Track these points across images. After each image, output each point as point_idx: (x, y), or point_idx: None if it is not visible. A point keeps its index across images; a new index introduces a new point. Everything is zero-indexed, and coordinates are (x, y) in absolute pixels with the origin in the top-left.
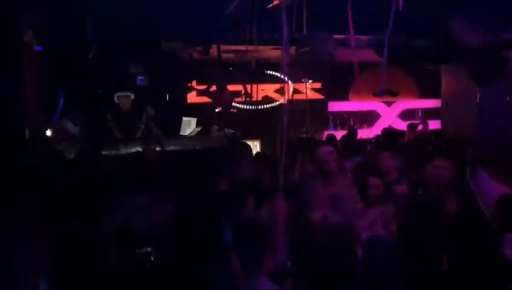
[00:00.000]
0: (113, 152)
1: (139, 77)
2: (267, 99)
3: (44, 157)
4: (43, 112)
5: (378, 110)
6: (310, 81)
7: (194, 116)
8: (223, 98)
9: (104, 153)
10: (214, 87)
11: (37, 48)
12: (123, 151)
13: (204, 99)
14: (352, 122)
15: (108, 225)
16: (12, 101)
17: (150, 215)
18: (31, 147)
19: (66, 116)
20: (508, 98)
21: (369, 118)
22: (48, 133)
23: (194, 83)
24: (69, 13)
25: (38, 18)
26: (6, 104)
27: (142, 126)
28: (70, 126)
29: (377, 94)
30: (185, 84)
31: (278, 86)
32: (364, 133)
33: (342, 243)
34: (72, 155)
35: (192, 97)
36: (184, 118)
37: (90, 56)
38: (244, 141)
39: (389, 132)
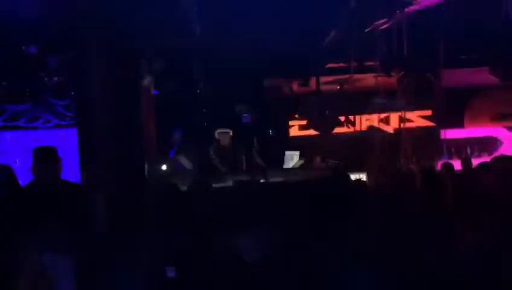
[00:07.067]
0: (221, 184)
1: (244, 115)
2: (373, 129)
3: (160, 189)
4: (160, 149)
5: (499, 136)
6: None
7: (296, 150)
8: (323, 125)
9: (214, 185)
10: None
11: (154, 92)
12: (230, 183)
13: (307, 132)
14: (469, 151)
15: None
16: (134, 141)
17: (263, 243)
18: (149, 180)
19: (180, 152)
20: None
21: (489, 145)
22: (163, 167)
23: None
24: (179, 57)
25: (155, 64)
26: (130, 143)
27: (243, 157)
28: (184, 161)
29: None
30: (288, 118)
31: (383, 115)
32: None
33: None
34: (185, 188)
35: (294, 131)
36: (287, 152)
37: (198, 92)
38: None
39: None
